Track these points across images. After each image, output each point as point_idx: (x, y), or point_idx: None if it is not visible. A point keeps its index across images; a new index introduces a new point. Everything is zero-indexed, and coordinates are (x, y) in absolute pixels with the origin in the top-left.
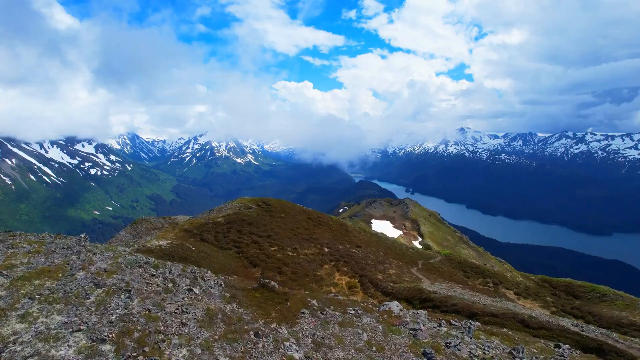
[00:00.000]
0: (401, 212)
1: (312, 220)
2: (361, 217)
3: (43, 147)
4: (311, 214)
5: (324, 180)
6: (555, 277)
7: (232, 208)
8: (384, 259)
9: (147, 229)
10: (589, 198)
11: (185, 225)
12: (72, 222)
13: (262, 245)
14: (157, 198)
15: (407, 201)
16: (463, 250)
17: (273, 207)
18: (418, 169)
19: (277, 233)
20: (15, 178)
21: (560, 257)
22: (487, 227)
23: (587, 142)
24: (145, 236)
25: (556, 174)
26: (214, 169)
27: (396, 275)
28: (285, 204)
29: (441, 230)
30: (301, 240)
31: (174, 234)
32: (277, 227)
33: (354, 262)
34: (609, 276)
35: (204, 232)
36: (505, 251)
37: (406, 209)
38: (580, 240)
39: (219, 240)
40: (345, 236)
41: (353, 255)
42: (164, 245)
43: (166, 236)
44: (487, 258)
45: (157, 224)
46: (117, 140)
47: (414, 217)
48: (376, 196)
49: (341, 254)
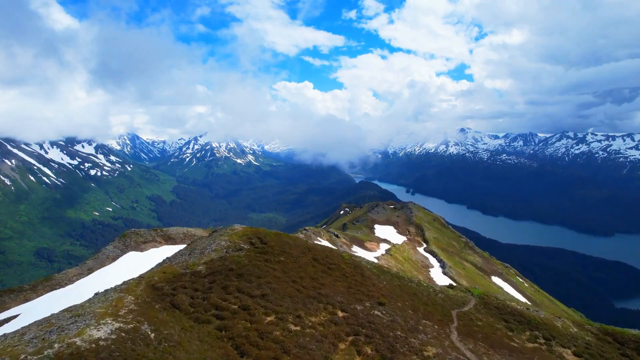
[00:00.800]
0: (405, 216)
1: (319, 262)
2: (364, 222)
3: (43, 148)
4: (317, 254)
5: (324, 180)
6: (619, 328)
7: (217, 250)
8: (415, 321)
9: (136, 243)
10: (590, 198)
11: (155, 277)
12: (71, 223)
13: (253, 312)
14: (157, 199)
15: (411, 205)
16: (469, 257)
17: (270, 246)
18: (418, 169)
19: (275, 289)
20: (14, 179)
21: (561, 259)
22: (488, 227)
23: (588, 142)
24: (118, 257)
25: (557, 174)
26: (214, 170)
27: (438, 358)
28: (286, 240)
29: (446, 235)
30: (306, 300)
31: (134, 296)
32: (275, 279)
33: (379, 335)
34: (611, 278)
35: (178, 289)
36: (507, 252)
37: (410, 214)
38: (582, 241)
39: (195, 304)
40: (362, 285)
41: (376, 323)
42: (103, 339)
43: (120, 306)
44: (493, 263)
45: (147, 236)
46: (118, 141)
47: (418, 222)
48: (377, 197)
49: (361, 322)
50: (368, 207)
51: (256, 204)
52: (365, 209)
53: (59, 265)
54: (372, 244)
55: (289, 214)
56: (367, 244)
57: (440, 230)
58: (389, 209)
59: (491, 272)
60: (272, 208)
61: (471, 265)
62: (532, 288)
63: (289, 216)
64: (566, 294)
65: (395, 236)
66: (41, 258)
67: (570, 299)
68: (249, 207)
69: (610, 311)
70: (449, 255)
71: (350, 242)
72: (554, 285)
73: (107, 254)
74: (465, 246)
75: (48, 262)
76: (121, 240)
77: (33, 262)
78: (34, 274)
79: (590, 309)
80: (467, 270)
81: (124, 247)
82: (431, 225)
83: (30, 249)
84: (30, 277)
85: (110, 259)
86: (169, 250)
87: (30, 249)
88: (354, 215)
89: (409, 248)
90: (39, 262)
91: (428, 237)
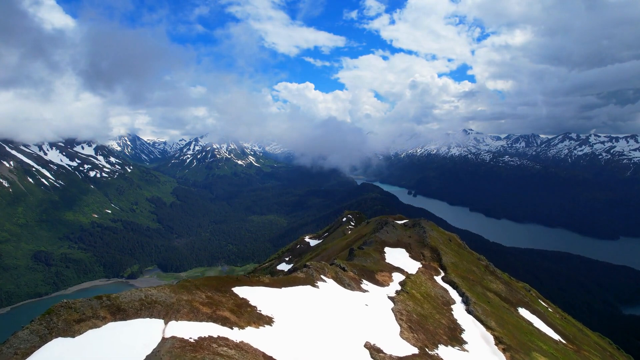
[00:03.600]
0: (417, 237)
1: None
2: (372, 244)
3: (42, 149)
4: None
5: (325, 182)
6: None
7: None
8: None
9: (66, 323)
10: (593, 201)
11: None
12: (70, 225)
13: None
14: (157, 201)
15: (423, 223)
16: (492, 285)
17: None
18: (420, 171)
19: None
20: (13, 181)
21: (566, 263)
22: (491, 230)
23: (591, 144)
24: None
25: (560, 176)
26: (215, 171)
27: None
28: None
29: (464, 258)
30: None
31: None
32: None
33: None
34: (617, 283)
35: None
36: (511, 256)
37: (423, 234)
38: (586, 244)
39: None
40: None
41: None
42: None
43: None
44: (516, 289)
45: (85, 311)
46: (118, 142)
47: (433, 244)
48: (379, 199)
49: None
50: (376, 224)
51: (256, 206)
52: (372, 226)
53: (57, 269)
54: (383, 276)
55: (290, 216)
56: (378, 275)
57: (457, 252)
58: (399, 226)
59: (517, 302)
60: (273, 210)
61: (495, 295)
62: (558, 314)
63: (289, 218)
64: (572, 300)
65: (409, 262)
66: (38, 261)
67: (576, 305)
68: (249, 209)
69: (618, 318)
70: (470, 285)
71: (359, 276)
72: (560, 290)
73: (17, 345)
74: (485, 271)
75: (45, 266)
76: (44, 319)
77: (30, 266)
78: (31, 278)
79: (597, 316)
80: (492, 303)
81: (47, 330)
82: (448, 248)
83: (27, 252)
84: (26, 281)
85: (20, 354)
86: (115, 332)
87: (28, 252)
88: (359, 233)
89: (425, 279)
90: (36, 266)
91: (445, 262)
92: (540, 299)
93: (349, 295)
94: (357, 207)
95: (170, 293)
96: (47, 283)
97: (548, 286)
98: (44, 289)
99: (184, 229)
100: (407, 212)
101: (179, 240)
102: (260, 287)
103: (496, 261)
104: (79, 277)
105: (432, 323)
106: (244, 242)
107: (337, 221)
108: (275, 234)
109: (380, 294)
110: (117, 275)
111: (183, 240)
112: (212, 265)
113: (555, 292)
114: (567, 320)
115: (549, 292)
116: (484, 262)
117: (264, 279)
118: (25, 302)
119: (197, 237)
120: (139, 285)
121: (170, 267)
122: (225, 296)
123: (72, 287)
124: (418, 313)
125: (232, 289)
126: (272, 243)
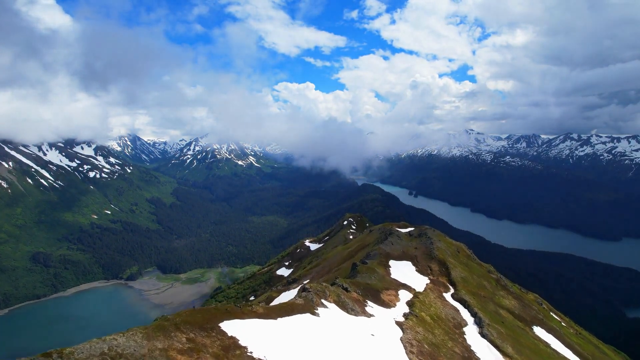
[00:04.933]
0: (424, 248)
1: None
2: (376, 257)
3: (41, 150)
4: None
5: (326, 182)
6: None
7: None
8: None
9: None
10: (595, 202)
11: None
12: (69, 226)
13: None
14: (157, 201)
15: (430, 233)
16: (504, 301)
17: None
18: (421, 171)
19: None
20: (12, 181)
21: (570, 265)
22: (493, 231)
23: (593, 144)
24: None
25: (562, 176)
26: (215, 171)
27: None
28: None
29: (474, 271)
30: None
31: None
32: None
33: None
34: (621, 285)
35: None
36: (513, 258)
37: (430, 245)
38: (589, 245)
39: None
40: None
41: None
42: None
43: None
44: (529, 303)
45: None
46: (118, 142)
47: (440, 256)
48: (379, 200)
49: None
50: (379, 233)
51: (256, 207)
52: (375, 235)
53: (55, 271)
54: (389, 295)
55: (290, 216)
56: (383, 294)
57: (466, 265)
58: (404, 236)
59: (531, 319)
60: (273, 211)
61: (508, 313)
62: (572, 329)
63: (289, 219)
64: (576, 303)
65: (416, 277)
66: (37, 263)
67: (580, 309)
68: (249, 210)
69: (623, 322)
70: (482, 304)
71: (363, 296)
72: (564, 294)
73: None
74: (497, 285)
75: (44, 267)
76: None
77: (29, 268)
78: (29, 280)
79: (602, 320)
80: (507, 323)
81: None
82: (456, 260)
83: (25, 254)
84: (25, 283)
85: None
86: None
87: (26, 253)
88: (362, 242)
89: (435, 297)
90: (35, 267)
91: (455, 277)
92: (553, 313)
93: (353, 323)
94: (357, 208)
95: (142, 340)
96: (45, 285)
97: (552, 289)
98: (42, 291)
99: (183, 230)
100: (408, 213)
101: (178, 241)
102: (253, 320)
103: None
104: (77, 279)
105: (445, 353)
106: (244, 243)
107: (337, 224)
108: (275, 235)
109: (387, 319)
110: (116, 276)
111: (183, 241)
112: (211, 266)
113: (559, 296)
114: (583, 337)
115: (553, 295)
116: (495, 275)
117: (257, 309)
118: (24, 304)
119: (197, 238)
120: (139, 287)
121: (170, 269)
122: (211, 336)
123: (71, 289)
124: (429, 342)
125: (219, 324)
126: (272, 244)
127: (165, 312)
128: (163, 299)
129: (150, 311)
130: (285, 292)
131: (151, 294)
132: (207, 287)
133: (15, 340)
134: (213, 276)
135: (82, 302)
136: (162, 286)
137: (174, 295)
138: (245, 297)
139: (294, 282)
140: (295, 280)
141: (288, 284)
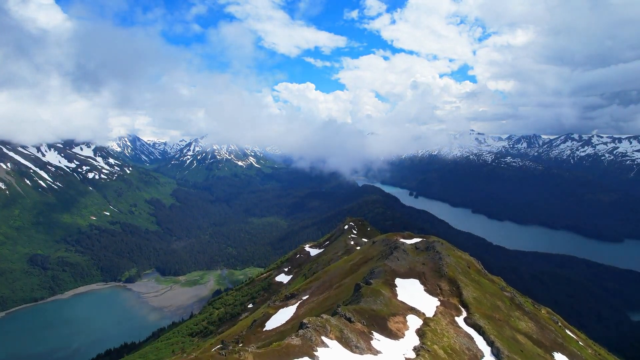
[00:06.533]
0: (432, 264)
1: None
2: (381, 274)
3: (40, 151)
4: None
5: (326, 183)
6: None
7: None
8: None
9: None
10: (597, 202)
11: None
12: (67, 228)
13: None
14: (156, 202)
15: (438, 246)
16: (520, 324)
17: None
18: (422, 172)
19: None
20: (10, 183)
21: (572, 266)
22: (494, 232)
23: (594, 144)
24: None
25: (563, 177)
26: (215, 172)
27: None
28: None
29: (486, 289)
30: None
31: None
32: None
33: None
34: (624, 288)
35: None
36: (515, 260)
37: (439, 260)
38: (591, 247)
39: None
40: None
41: None
42: None
43: None
44: (545, 324)
45: None
46: (118, 143)
47: (450, 274)
48: (380, 201)
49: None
50: (383, 246)
51: (256, 208)
52: (379, 248)
53: (53, 273)
54: (397, 322)
55: (290, 218)
56: (390, 322)
57: (478, 282)
58: (410, 250)
59: (551, 345)
60: (273, 212)
61: (526, 338)
62: (590, 348)
63: (289, 220)
64: (579, 306)
65: (424, 298)
66: (34, 265)
67: (584, 312)
68: (249, 211)
69: (627, 325)
70: (498, 328)
71: (369, 326)
72: (568, 297)
73: None
74: (511, 305)
75: (42, 270)
76: None
77: (26, 270)
78: (27, 282)
79: (606, 322)
80: (526, 352)
81: None
82: (467, 277)
83: (23, 256)
84: (22, 286)
85: None
86: None
87: (23, 255)
88: (365, 255)
89: (446, 323)
90: (32, 270)
91: (467, 298)
92: (567, 329)
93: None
94: (358, 209)
95: None
96: (43, 287)
97: (556, 293)
98: (40, 294)
99: (183, 231)
100: (408, 214)
101: (178, 242)
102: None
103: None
104: (75, 281)
105: None
106: (243, 245)
107: (338, 229)
108: (275, 237)
109: (396, 355)
110: (114, 279)
111: (182, 242)
112: (211, 268)
113: (563, 299)
114: (602, 357)
115: (557, 299)
116: (509, 292)
117: (246, 357)
118: (21, 307)
119: (197, 239)
120: (137, 290)
121: (169, 271)
122: None
123: (69, 292)
124: None
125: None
126: (272, 246)
127: (164, 315)
128: (162, 301)
129: (148, 314)
130: (282, 308)
131: (150, 296)
132: (207, 289)
133: (12, 344)
134: (212, 278)
135: (80, 304)
136: (161, 289)
137: (173, 298)
138: (243, 304)
139: (293, 297)
140: (294, 295)
141: (286, 299)
